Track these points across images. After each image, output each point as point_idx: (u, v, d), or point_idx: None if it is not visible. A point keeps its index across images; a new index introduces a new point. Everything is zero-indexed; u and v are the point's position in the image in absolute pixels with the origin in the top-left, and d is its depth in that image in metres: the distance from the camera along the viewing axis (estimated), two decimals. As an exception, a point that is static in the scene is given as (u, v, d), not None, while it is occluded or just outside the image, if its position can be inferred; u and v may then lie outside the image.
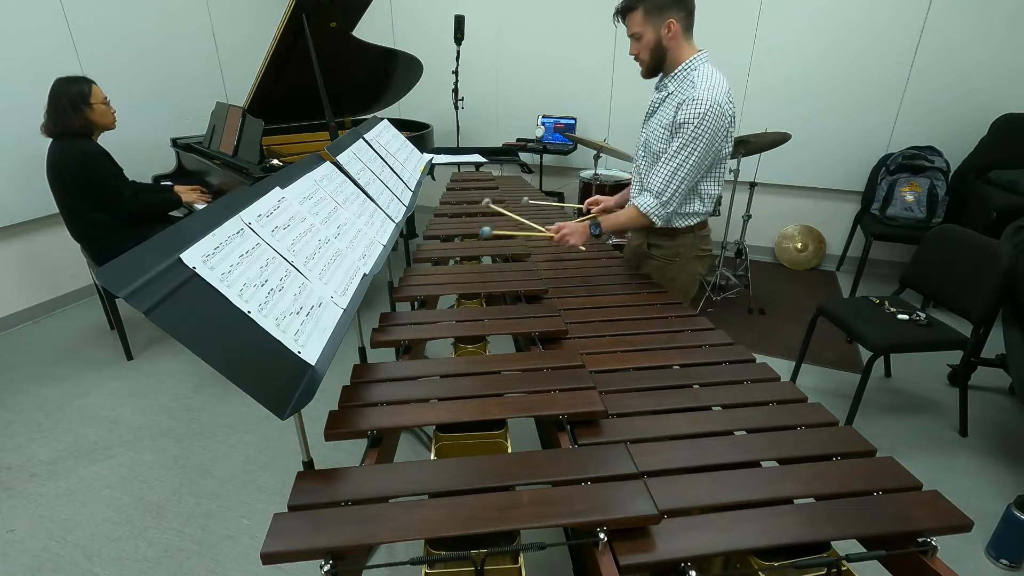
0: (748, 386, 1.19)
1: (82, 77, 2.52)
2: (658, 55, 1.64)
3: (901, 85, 3.47)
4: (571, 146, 4.24)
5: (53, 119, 2.46)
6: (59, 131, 2.48)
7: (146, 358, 2.87)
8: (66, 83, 2.48)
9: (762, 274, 3.85)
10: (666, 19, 1.58)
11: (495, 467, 0.90)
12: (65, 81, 2.49)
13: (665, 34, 1.60)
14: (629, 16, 1.62)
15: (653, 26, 1.60)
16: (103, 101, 2.56)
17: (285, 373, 0.88)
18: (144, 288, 0.76)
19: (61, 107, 2.45)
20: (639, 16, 1.60)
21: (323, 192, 1.39)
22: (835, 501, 0.85)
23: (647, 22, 1.60)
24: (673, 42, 1.61)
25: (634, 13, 1.61)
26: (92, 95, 2.50)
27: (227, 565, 1.72)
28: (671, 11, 1.57)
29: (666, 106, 1.67)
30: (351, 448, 2.10)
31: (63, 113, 2.45)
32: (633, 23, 1.62)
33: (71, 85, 2.48)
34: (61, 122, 2.46)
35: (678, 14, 1.58)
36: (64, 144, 2.49)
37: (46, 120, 2.48)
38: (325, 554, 0.75)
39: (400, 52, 3.62)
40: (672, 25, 1.58)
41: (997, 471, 2.09)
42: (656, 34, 1.60)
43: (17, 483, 2.05)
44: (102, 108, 2.55)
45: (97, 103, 2.52)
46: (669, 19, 1.58)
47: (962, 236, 2.26)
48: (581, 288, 1.69)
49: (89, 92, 2.49)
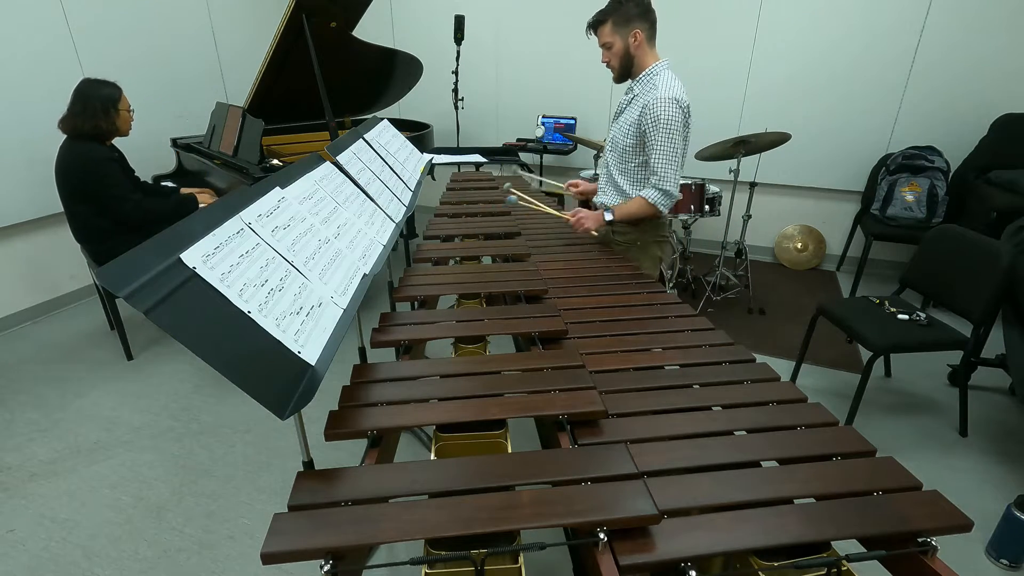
0: (748, 386, 1.19)
1: (112, 82, 2.54)
2: (626, 62, 1.87)
3: (901, 85, 3.47)
4: (571, 146, 4.24)
5: (80, 117, 2.45)
6: (79, 131, 2.47)
7: (146, 358, 2.87)
8: (97, 85, 2.49)
9: (762, 274, 3.85)
10: (632, 30, 1.80)
11: (495, 467, 0.90)
12: (96, 83, 2.49)
13: (632, 43, 1.82)
14: (600, 28, 1.85)
15: (621, 36, 1.82)
16: (128, 109, 2.58)
17: (285, 373, 0.88)
18: (144, 288, 0.76)
19: (92, 108, 2.45)
20: (608, 27, 1.83)
21: (323, 192, 1.39)
22: (835, 501, 0.85)
23: (615, 33, 1.82)
24: (639, 50, 1.84)
25: (604, 25, 1.84)
26: (122, 101, 2.54)
27: (227, 565, 1.72)
28: (637, 22, 1.80)
29: (632, 107, 1.89)
30: (351, 448, 2.10)
31: (92, 114, 2.45)
32: (603, 34, 1.85)
33: (103, 88, 2.49)
34: (89, 122, 2.45)
35: (642, 25, 1.80)
36: (76, 146, 2.48)
37: (68, 116, 2.46)
38: (325, 554, 0.75)
39: (400, 52, 3.62)
40: (638, 35, 1.81)
41: (997, 471, 2.09)
42: (624, 43, 1.83)
43: (17, 483, 2.05)
44: (126, 115, 2.57)
45: (123, 110, 2.55)
46: (635, 29, 1.80)
47: (962, 236, 2.26)
48: (581, 288, 1.69)
49: (119, 98, 2.53)
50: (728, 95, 3.82)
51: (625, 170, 1.97)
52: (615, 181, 2.01)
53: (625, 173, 1.98)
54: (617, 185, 2.01)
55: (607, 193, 2.07)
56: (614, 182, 2.02)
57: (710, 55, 3.76)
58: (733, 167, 3.08)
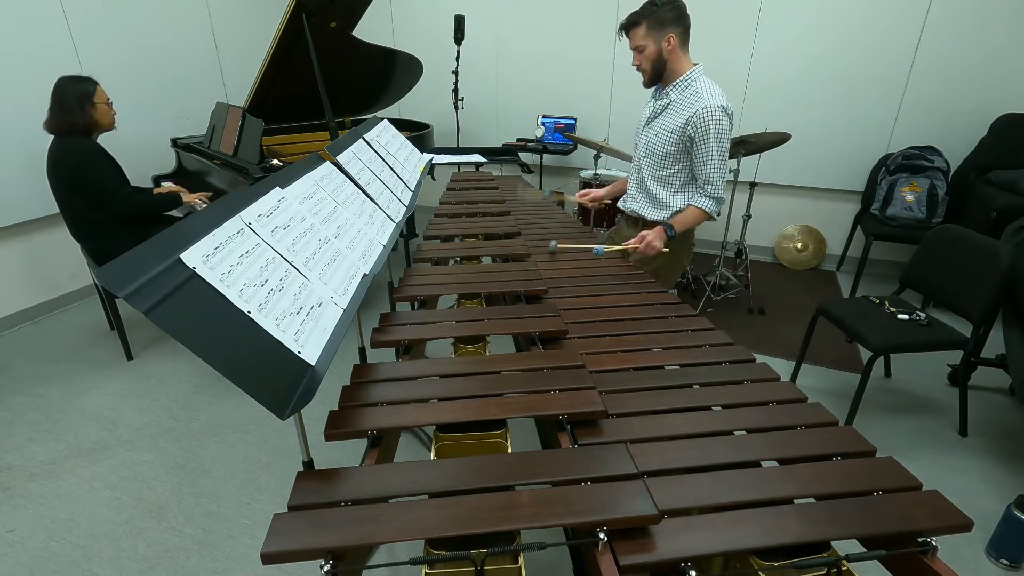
0: (748, 386, 1.19)
1: (87, 77, 2.54)
2: (658, 66, 1.84)
3: (901, 85, 3.47)
4: (571, 146, 4.24)
5: (58, 116, 2.48)
6: (63, 129, 2.49)
7: (146, 358, 2.87)
8: (71, 82, 2.50)
9: (762, 274, 3.85)
10: (667, 33, 1.77)
11: (495, 467, 0.90)
12: (70, 80, 2.51)
13: (665, 47, 1.79)
14: (633, 30, 1.81)
15: (655, 40, 1.79)
16: (106, 102, 2.59)
17: (285, 373, 0.88)
18: (144, 288, 0.76)
19: (67, 105, 2.47)
20: (642, 30, 1.79)
21: (323, 192, 1.39)
22: (835, 501, 0.85)
23: (649, 36, 1.79)
24: (672, 55, 1.81)
25: (638, 28, 1.80)
26: (96, 95, 2.53)
27: (227, 565, 1.73)
28: (671, 27, 1.77)
29: (671, 113, 1.87)
30: (351, 448, 2.10)
31: (68, 111, 2.47)
32: (636, 36, 1.81)
33: (76, 84, 2.50)
34: (66, 120, 2.48)
35: (677, 29, 1.78)
36: (64, 142, 2.50)
37: (49, 117, 2.49)
38: (325, 554, 0.75)
39: (400, 52, 3.62)
40: (672, 39, 1.78)
41: (997, 471, 2.09)
42: (657, 47, 1.80)
43: (17, 483, 2.05)
44: (104, 108, 2.57)
45: (100, 103, 2.55)
46: (669, 33, 1.77)
47: (962, 236, 2.26)
48: (581, 288, 1.69)
49: (94, 92, 2.53)
50: (728, 95, 3.81)
51: (661, 177, 1.96)
52: (648, 189, 2.00)
53: (660, 180, 1.96)
54: (649, 192, 2.00)
55: (638, 200, 2.06)
56: (646, 189, 2.01)
57: (710, 55, 3.73)
58: (733, 167, 3.08)
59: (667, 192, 1.96)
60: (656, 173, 1.96)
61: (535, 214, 2.41)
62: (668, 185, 1.95)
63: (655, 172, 1.96)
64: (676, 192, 1.95)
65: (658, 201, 1.98)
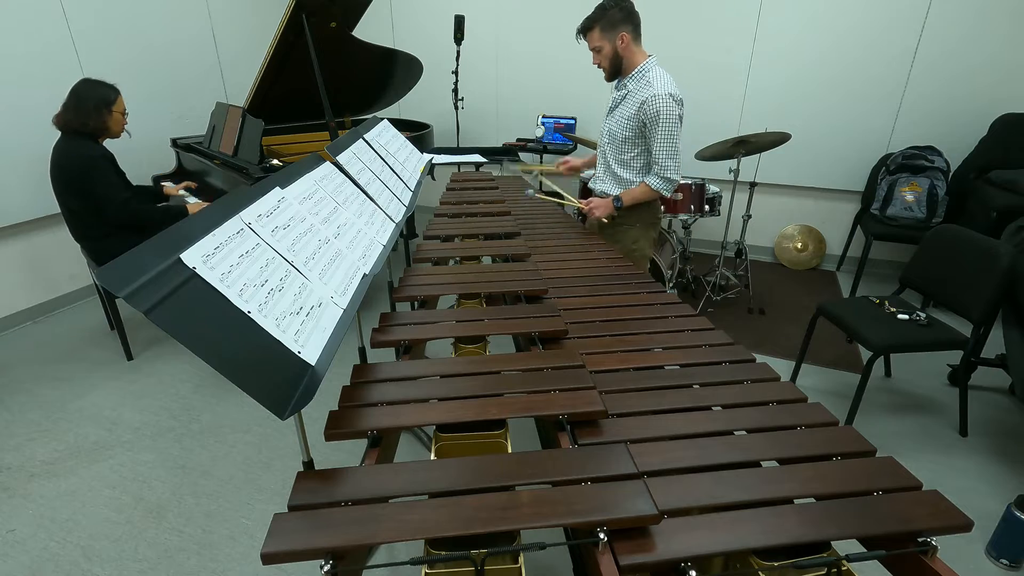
0: (748, 386, 1.19)
1: (112, 84, 2.57)
2: (616, 62, 2.02)
3: (901, 85, 3.47)
4: (571, 146, 4.24)
5: (71, 114, 2.48)
6: (72, 128, 2.49)
7: (146, 358, 2.87)
8: (95, 84, 2.52)
9: (762, 274, 3.85)
10: (619, 33, 1.95)
11: (495, 467, 0.90)
12: (94, 83, 2.52)
13: (620, 45, 1.98)
14: (589, 34, 2.00)
15: (609, 40, 1.97)
16: (122, 112, 2.61)
17: (285, 373, 0.88)
18: (144, 288, 0.76)
19: (84, 106, 2.48)
20: (597, 33, 1.98)
21: (323, 192, 1.39)
22: (835, 501, 0.85)
23: (604, 37, 1.97)
24: (627, 50, 1.99)
25: (592, 31, 1.98)
26: (116, 104, 2.56)
27: (227, 565, 1.72)
28: (622, 26, 1.95)
29: (628, 102, 2.04)
30: (351, 448, 2.11)
31: (84, 112, 2.48)
32: (592, 39, 2.00)
33: (100, 87, 2.52)
34: (78, 119, 2.48)
35: (628, 27, 1.95)
36: (70, 142, 2.51)
37: (62, 112, 2.49)
38: (325, 554, 0.75)
39: (400, 52, 3.62)
40: (625, 37, 1.96)
41: (997, 471, 2.09)
42: (612, 46, 1.98)
43: (17, 483, 2.05)
44: (119, 117, 2.59)
45: (117, 112, 2.57)
46: (622, 32, 1.95)
47: (962, 236, 2.26)
48: (581, 288, 1.69)
49: (115, 100, 2.56)
50: (728, 95, 3.83)
51: (623, 160, 2.14)
52: (613, 171, 2.19)
53: (623, 163, 2.15)
54: (615, 174, 2.18)
55: (606, 182, 2.23)
56: (612, 172, 2.19)
57: (710, 55, 3.76)
58: (733, 167, 3.08)
59: (630, 173, 2.14)
60: (619, 157, 2.15)
61: (536, 213, 2.41)
62: (630, 167, 2.14)
63: (618, 156, 2.15)
64: (638, 173, 2.14)
65: (623, 181, 2.17)
